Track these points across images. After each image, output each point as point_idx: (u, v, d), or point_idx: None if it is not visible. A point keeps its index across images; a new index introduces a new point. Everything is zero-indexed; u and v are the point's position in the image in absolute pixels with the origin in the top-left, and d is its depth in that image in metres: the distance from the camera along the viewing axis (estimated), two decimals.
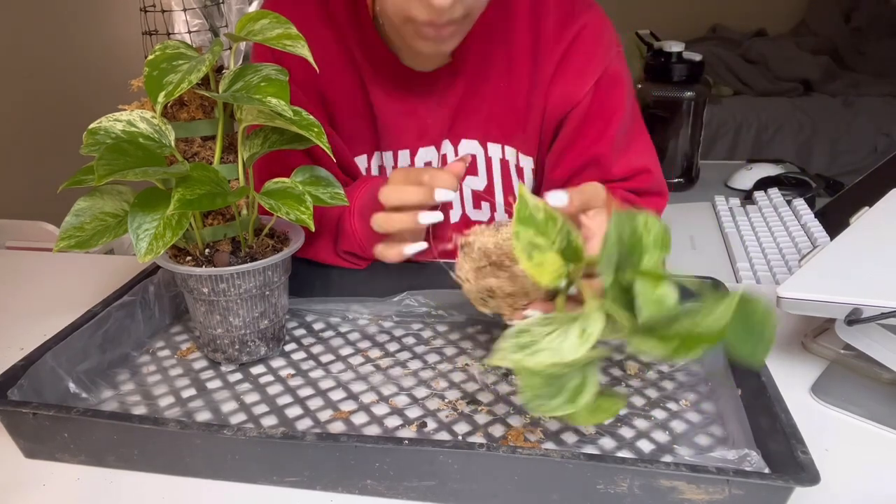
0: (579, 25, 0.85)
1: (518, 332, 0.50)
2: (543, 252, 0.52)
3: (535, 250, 0.52)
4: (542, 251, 0.52)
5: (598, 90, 0.86)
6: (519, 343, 0.49)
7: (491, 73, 0.87)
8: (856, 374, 0.68)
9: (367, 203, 0.77)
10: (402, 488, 0.54)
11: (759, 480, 0.48)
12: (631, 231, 0.50)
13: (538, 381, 0.48)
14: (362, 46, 0.85)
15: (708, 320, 0.44)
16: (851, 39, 3.26)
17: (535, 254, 0.52)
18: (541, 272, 0.52)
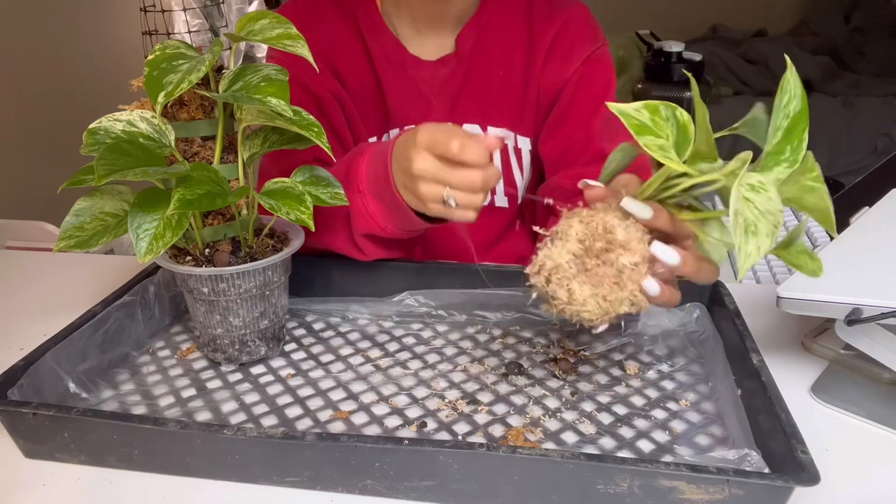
0: (566, 15, 0.92)
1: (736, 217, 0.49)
2: (670, 150, 0.52)
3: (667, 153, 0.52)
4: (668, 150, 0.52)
5: (585, 68, 0.92)
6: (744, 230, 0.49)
7: (490, 61, 0.92)
8: (856, 374, 0.68)
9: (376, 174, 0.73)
10: (403, 488, 0.54)
11: (758, 480, 0.48)
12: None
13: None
14: (372, 35, 0.90)
15: None
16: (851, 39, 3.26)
17: (671, 155, 0.52)
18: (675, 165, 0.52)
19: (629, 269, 0.55)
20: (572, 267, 0.55)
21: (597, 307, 0.55)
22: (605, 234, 0.55)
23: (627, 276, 0.55)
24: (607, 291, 0.55)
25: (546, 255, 0.56)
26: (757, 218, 0.49)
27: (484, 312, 0.79)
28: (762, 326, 0.75)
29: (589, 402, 0.65)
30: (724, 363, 0.66)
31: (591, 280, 0.55)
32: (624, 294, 0.55)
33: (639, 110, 0.53)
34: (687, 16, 3.50)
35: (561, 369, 0.69)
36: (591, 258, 0.55)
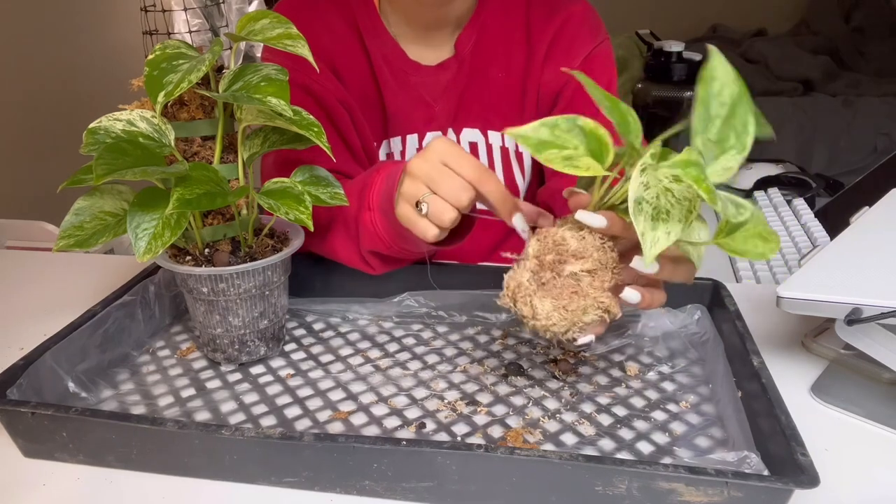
0: (566, 14, 0.91)
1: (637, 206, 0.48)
2: (579, 159, 0.52)
3: (574, 161, 0.52)
4: (577, 158, 0.52)
5: (585, 66, 0.91)
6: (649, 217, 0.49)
7: (490, 65, 0.91)
8: (856, 374, 0.68)
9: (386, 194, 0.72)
10: (401, 489, 0.54)
11: (758, 483, 0.48)
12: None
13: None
14: (372, 37, 0.89)
15: None
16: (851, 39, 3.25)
17: (578, 164, 0.52)
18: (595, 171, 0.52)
19: (586, 278, 0.55)
20: (532, 283, 0.56)
21: (561, 319, 0.56)
22: (556, 246, 0.56)
23: (588, 284, 0.56)
24: (567, 302, 0.55)
25: (510, 276, 0.58)
26: (671, 205, 0.49)
27: (484, 313, 0.79)
28: (762, 326, 0.75)
29: (589, 403, 0.65)
30: (724, 365, 0.66)
31: (550, 294, 0.56)
32: (586, 302, 0.56)
33: (536, 129, 0.53)
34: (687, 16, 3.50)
35: (561, 370, 0.69)
36: (546, 271, 0.56)
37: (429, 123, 0.92)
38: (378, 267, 0.78)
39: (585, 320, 0.56)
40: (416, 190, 0.65)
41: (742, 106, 0.50)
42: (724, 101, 0.50)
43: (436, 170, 0.64)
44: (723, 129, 0.51)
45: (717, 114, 0.50)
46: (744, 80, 0.51)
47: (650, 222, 0.48)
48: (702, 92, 0.50)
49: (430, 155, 0.65)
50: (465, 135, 0.93)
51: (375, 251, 0.76)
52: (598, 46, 0.91)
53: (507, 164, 0.95)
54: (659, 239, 0.49)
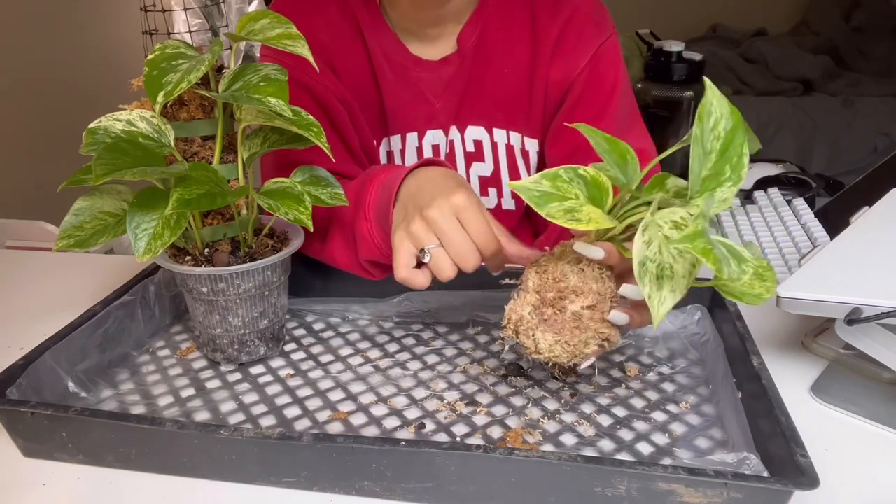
0: (572, 8, 0.89)
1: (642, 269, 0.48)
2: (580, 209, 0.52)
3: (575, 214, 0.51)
4: (580, 209, 0.52)
5: (593, 64, 0.89)
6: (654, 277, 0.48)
7: (493, 60, 0.89)
8: (856, 374, 0.68)
9: (382, 205, 0.72)
10: (400, 490, 0.54)
11: (757, 484, 0.48)
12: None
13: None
14: (373, 32, 0.88)
15: None
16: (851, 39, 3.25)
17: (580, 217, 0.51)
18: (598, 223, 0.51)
19: (587, 312, 0.56)
20: (534, 318, 0.57)
21: (563, 352, 0.57)
22: (556, 283, 0.57)
23: (588, 318, 0.56)
24: (569, 336, 0.56)
25: (511, 308, 0.59)
26: (674, 259, 0.49)
27: (484, 313, 0.79)
28: (762, 326, 0.75)
29: (588, 403, 0.65)
30: (724, 365, 0.66)
31: (552, 329, 0.56)
32: (587, 335, 0.57)
33: (537, 182, 0.53)
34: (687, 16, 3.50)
35: (561, 371, 0.69)
36: (548, 308, 0.57)
37: (429, 121, 0.91)
38: (378, 274, 0.78)
39: (587, 351, 0.57)
40: (425, 236, 0.64)
41: (737, 138, 0.50)
42: (719, 134, 0.51)
43: (450, 225, 0.63)
44: (718, 162, 0.51)
45: (711, 148, 0.51)
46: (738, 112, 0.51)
47: (655, 282, 0.48)
48: (697, 130, 0.50)
49: (446, 207, 0.63)
50: (470, 132, 0.93)
51: (374, 261, 0.75)
52: (606, 42, 0.89)
53: (512, 162, 0.94)
54: (665, 299, 0.48)
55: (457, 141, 0.93)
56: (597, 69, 0.89)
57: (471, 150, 0.93)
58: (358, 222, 0.74)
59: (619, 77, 0.90)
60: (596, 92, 0.89)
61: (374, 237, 0.73)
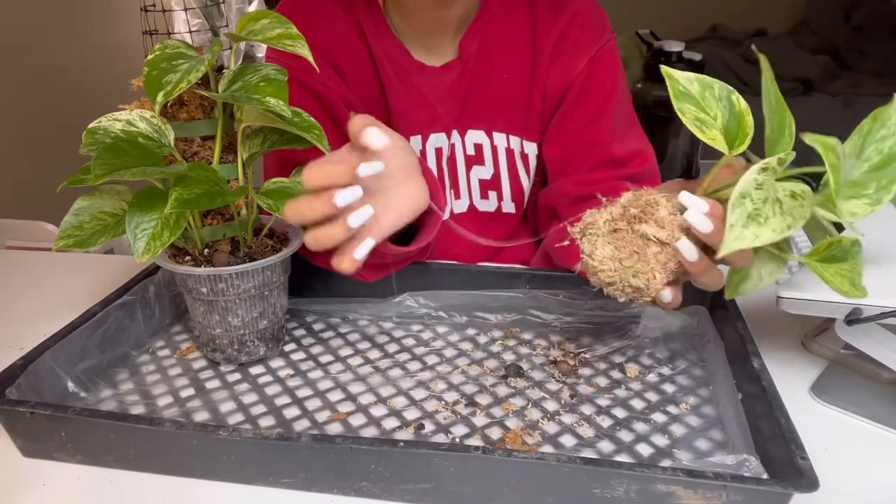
0: (571, 12, 0.89)
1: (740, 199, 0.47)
2: (711, 128, 0.51)
3: (703, 126, 0.51)
4: (708, 126, 0.51)
5: (591, 67, 0.89)
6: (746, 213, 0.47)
7: (494, 66, 0.90)
8: (856, 374, 0.68)
9: None
10: (398, 491, 0.54)
11: (756, 486, 0.48)
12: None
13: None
14: (376, 37, 0.88)
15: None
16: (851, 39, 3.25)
17: (705, 130, 0.51)
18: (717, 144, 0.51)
19: (654, 246, 0.55)
20: (606, 226, 0.57)
21: (612, 270, 0.56)
22: (647, 206, 0.56)
23: (652, 253, 0.56)
24: (626, 256, 0.56)
25: (590, 212, 0.59)
26: (773, 213, 0.47)
27: (484, 314, 0.79)
28: (762, 326, 0.75)
29: (588, 404, 0.65)
30: (725, 367, 0.66)
31: (615, 242, 0.56)
32: (641, 267, 0.56)
33: (690, 80, 0.52)
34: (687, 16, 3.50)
35: (561, 371, 0.69)
36: (624, 222, 0.56)
37: (432, 125, 0.92)
38: (368, 275, 0.78)
39: (633, 283, 0.56)
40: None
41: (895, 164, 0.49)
42: (883, 149, 0.50)
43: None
44: (869, 174, 0.50)
45: (868, 157, 0.50)
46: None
47: (744, 218, 0.47)
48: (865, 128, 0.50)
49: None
50: (470, 136, 0.93)
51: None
52: (605, 45, 0.90)
53: (512, 166, 0.94)
54: (745, 237, 0.47)
55: (458, 144, 0.93)
56: (595, 72, 0.89)
57: (471, 154, 0.93)
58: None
59: (616, 80, 0.91)
60: (593, 94, 0.89)
61: None
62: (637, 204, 0.57)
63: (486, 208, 0.95)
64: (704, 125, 0.51)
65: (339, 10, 0.88)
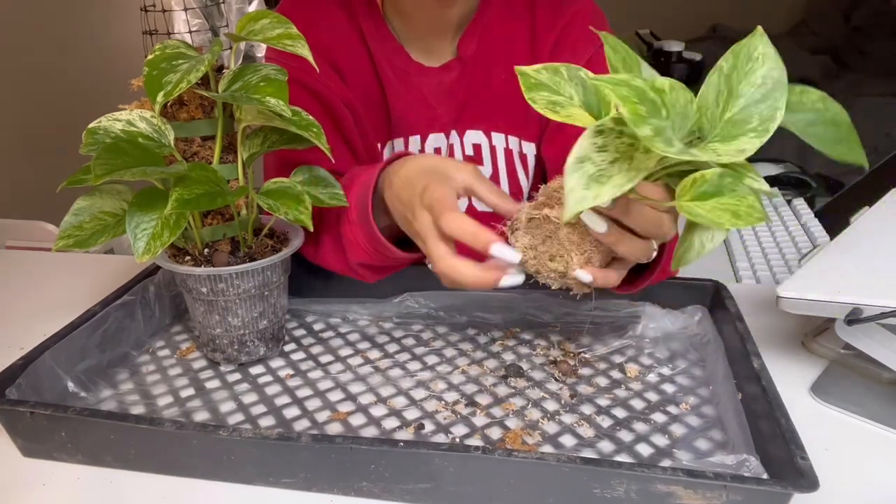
0: (571, 13, 0.89)
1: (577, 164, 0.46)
2: (567, 107, 0.51)
3: (557, 108, 0.51)
4: (565, 106, 0.51)
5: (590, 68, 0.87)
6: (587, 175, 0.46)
7: (493, 66, 0.90)
8: (856, 374, 0.68)
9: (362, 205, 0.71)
10: (398, 491, 0.54)
11: (756, 486, 0.48)
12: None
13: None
14: (375, 38, 0.88)
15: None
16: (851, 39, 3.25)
17: (559, 110, 0.51)
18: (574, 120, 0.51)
19: (565, 228, 0.56)
20: (523, 216, 0.58)
21: (532, 258, 0.58)
22: (553, 191, 0.57)
23: (565, 235, 0.56)
24: (539, 243, 0.57)
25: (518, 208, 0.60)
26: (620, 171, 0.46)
27: (484, 314, 0.79)
28: (762, 326, 0.75)
29: (588, 404, 0.65)
30: (725, 366, 0.66)
31: (531, 231, 0.58)
32: (556, 250, 0.57)
33: (538, 70, 0.53)
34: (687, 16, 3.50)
35: (561, 371, 0.69)
36: (535, 210, 0.57)
37: (431, 125, 0.92)
38: (370, 276, 0.77)
39: (552, 267, 0.57)
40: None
41: (777, 92, 0.49)
42: (755, 81, 0.49)
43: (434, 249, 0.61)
44: (749, 109, 0.49)
45: (742, 92, 0.49)
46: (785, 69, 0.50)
47: (584, 181, 0.46)
48: (726, 65, 0.48)
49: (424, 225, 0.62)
50: (469, 137, 0.93)
51: (363, 262, 0.75)
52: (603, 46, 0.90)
53: (510, 166, 0.94)
54: (585, 198, 0.46)
55: (456, 145, 0.93)
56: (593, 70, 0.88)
57: (470, 154, 0.93)
58: (342, 225, 0.74)
59: None
60: None
61: (358, 239, 0.72)
62: (545, 192, 0.58)
63: (484, 208, 0.95)
64: (558, 105, 0.52)
65: (339, 11, 0.88)
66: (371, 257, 0.73)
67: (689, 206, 0.49)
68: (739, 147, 0.48)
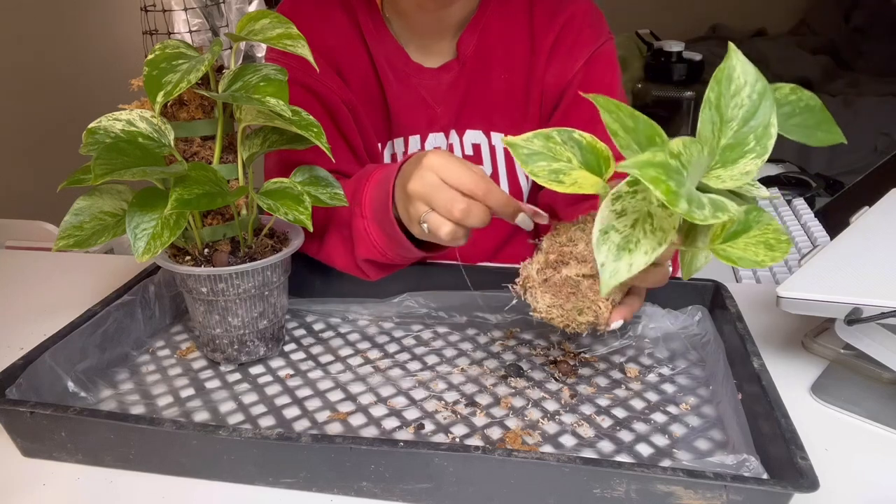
0: (569, 13, 0.90)
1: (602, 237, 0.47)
2: (569, 173, 0.51)
3: (560, 175, 0.50)
4: (568, 172, 0.51)
5: (589, 68, 0.90)
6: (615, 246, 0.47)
7: (492, 66, 0.90)
8: (856, 374, 0.68)
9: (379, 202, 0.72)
10: (398, 491, 0.54)
11: (756, 486, 0.48)
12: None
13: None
14: (375, 39, 0.88)
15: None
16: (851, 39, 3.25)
17: (563, 178, 0.50)
18: (581, 188, 0.50)
19: (586, 281, 0.57)
20: (538, 276, 0.59)
21: (558, 315, 0.58)
22: (561, 247, 0.58)
23: (587, 287, 0.57)
24: (563, 301, 0.58)
25: (523, 265, 0.61)
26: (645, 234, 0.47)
27: (484, 314, 0.79)
28: (762, 326, 0.75)
29: (588, 404, 0.65)
30: (725, 366, 0.66)
31: (550, 290, 0.58)
32: (583, 304, 0.57)
33: (529, 140, 0.52)
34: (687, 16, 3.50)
35: (561, 371, 0.69)
36: (549, 269, 0.58)
37: (431, 125, 0.92)
38: (373, 274, 0.78)
39: (580, 320, 0.58)
40: (416, 210, 0.65)
41: (765, 107, 0.49)
42: (742, 102, 0.49)
43: (429, 186, 0.64)
44: (740, 131, 0.49)
45: (732, 116, 0.49)
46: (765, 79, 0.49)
47: (615, 252, 0.47)
48: (712, 94, 0.48)
49: (424, 172, 0.64)
50: (468, 137, 0.93)
51: (371, 259, 0.76)
52: (602, 46, 0.90)
53: (510, 166, 0.94)
54: (620, 270, 0.47)
55: (456, 144, 0.93)
56: (592, 72, 0.90)
57: (469, 154, 0.94)
58: (355, 220, 0.74)
59: (614, 81, 0.91)
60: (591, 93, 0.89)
61: (371, 234, 0.73)
62: (553, 249, 0.58)
63: None
64: (561, 173, 0.51)
65: (339, 12, 0.88)
66: (381, 254, 0.73)
67: (725, 251, 0.50)
68: (743, 170, 0.49)
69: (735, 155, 0.49)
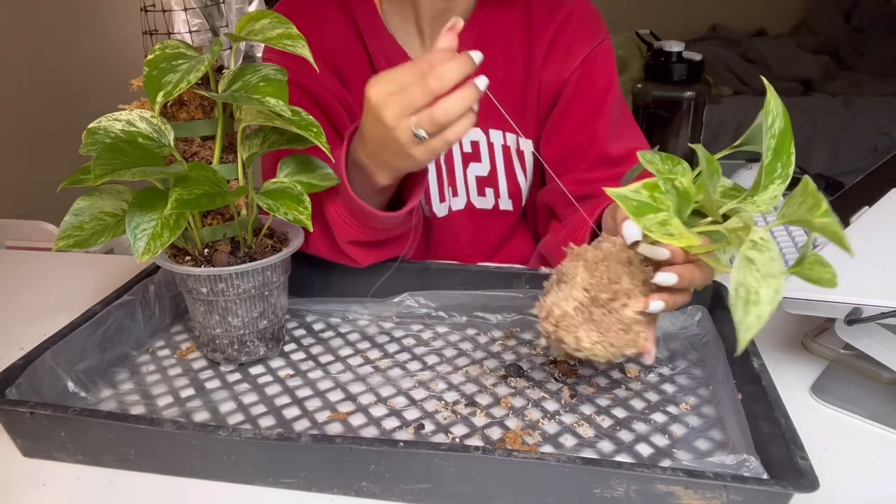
0: (566, 12, 0.90)
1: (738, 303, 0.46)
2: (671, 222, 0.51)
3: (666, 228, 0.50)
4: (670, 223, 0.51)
5: (586, 66, 0.90)
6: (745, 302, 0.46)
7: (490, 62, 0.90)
8: (856, 374, 0.68)
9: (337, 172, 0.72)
10: (398, 491, 0.54)
11: (756, 486, 0.48)
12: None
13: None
14: (372, 36, 0.88)
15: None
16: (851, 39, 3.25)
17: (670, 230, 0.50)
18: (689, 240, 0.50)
19: (629, 314, 0.56)
20: (579, 315, 0.56)
21: (604, 351, 0.56)
22: (611, 284, 0.56)
23: (634, 320, 0.56)
24: (614, 338, 0.56)
25: (553, 301, 0.58)
26: (758, 283, 0.46)
27: (484, 314, 0.79)
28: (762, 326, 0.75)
29: (588, 404, 0.65)
30: (725, 366, 0.66)
31: (597, 328, 0.56)
32: (630, 337, 0.57)
33: (637, 191, 0.52)
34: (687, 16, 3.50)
35: (561, 372, 0.69)
36: (598, 308, 0.56)
37: None
38: (361, 257, 0.78)
39: (627, 353, 0.57)
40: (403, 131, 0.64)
41: (787, 138, 0.52)
42: (775, 133, 0.52)
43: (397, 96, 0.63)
44: (773, 160, 0.52)
45: (768, 146, 0.52)
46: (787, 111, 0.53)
47: (744, 307, 0.46)
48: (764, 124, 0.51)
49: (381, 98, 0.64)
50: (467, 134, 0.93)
51: (353, 240, 0.75)
52: (599, 45, 0.90)
53: (508, 163, 0.94)
54: (751, 325, 0.46)
55: None
56: (590, 70, 0.90)
57: (468, 151, 0.93)
58: (326, 206, 0.74)
59: (612, 79, 0.91)
60: (589, 92, 0.90)
61: (342, 214, 0.73)
62: (601, 287, 0.56)
63: (483, 205, 0.96)
64: (668, 226, 0.51)
65: (337, 11, 0.88)
66: (359, 231, 0.74)
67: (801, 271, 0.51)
68: (772, 194, 0.53)
69: (767, 181, 0.52)
